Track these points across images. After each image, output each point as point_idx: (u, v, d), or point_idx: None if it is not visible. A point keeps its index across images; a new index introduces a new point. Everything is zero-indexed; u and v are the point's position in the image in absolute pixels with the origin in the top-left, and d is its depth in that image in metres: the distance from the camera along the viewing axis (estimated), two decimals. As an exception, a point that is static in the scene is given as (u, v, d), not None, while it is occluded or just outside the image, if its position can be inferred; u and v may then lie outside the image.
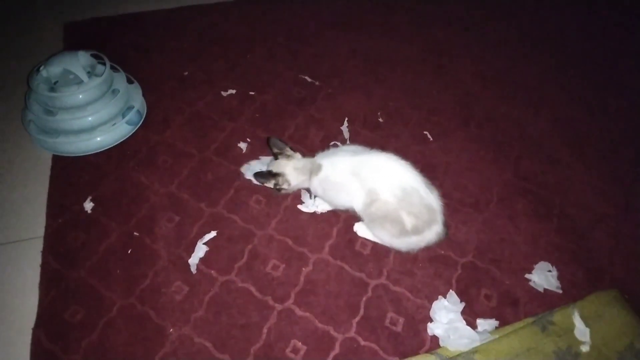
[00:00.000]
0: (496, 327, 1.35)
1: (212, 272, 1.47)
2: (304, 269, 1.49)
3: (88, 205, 1.62)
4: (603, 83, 2.23)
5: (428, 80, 2.17)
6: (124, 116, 1.83)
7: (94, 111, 1.75)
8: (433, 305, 1.41)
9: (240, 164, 1.77)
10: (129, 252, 1.51)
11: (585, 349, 1.29)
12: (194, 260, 1.49)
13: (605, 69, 2.32)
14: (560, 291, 1.45)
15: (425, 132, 1.92)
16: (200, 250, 1.52)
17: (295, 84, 2.12)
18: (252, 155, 1.80)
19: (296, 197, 1.68)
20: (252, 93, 2.06)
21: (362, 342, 1.33)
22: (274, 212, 1.64)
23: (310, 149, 1.83)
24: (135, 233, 1.56)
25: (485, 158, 1.83)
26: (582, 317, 1.33)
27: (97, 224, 1.58)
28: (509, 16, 2.62)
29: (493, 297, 1.44)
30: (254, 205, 1.65)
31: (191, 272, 1.47)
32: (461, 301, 1.42)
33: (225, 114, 1.96)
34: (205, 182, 1.71)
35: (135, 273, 1.46)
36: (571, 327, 1.32)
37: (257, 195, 1.68)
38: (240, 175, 1.73)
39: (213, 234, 1.56)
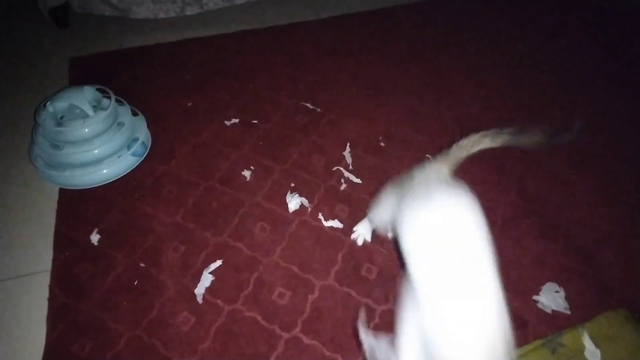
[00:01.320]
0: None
1: (219, 301, 1.47)
2: (310, 296, 1.49)
3: (94, 238, 1.63)
4: (604, 101, 2.24)
5: (429, 104, 2.20)
6: (129, 148, 1.85)
7: (99, 144, 1.77)
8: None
9: (245, 192, 1.79)
10: (136, 283, 1.52)
11: None
12: (200, 290, 1.49)
13: (605, 88, 2.33)
14: (569, 312, 1.44)
15: (427, 156, 1.93)
16: (207, 279, 1.52)
17: (297, 111, 2.14)
18: (256, 183, 1.82)
19: (301, 223, 1.69)
20: (255, 121, 2.08)
21: (371, 370, 1.32)
22: (279, 239, 1.64)
23: (313, 175, 1.85)
24: (141, 264, 1.56)
25: (488, 180, 1.84)
26: (592, 338, 1.32)
27: (103, 255, 1.59)
28: (508, 39, 2.66)
29: (501, 319, 1.43)
30: (259, 233, 1.66)
31: (197, 302, 1.47)
32: (469, 325, 1.41)
33: (229, 143, 1.98)
34: (210, 211, 1.72)
35: (142, 304, 1.46)
36: (581, 349, 1.31)
37: (262, 223, 1.69)
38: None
39: (219, 263, 1.57)
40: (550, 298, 1.46)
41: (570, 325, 1.40)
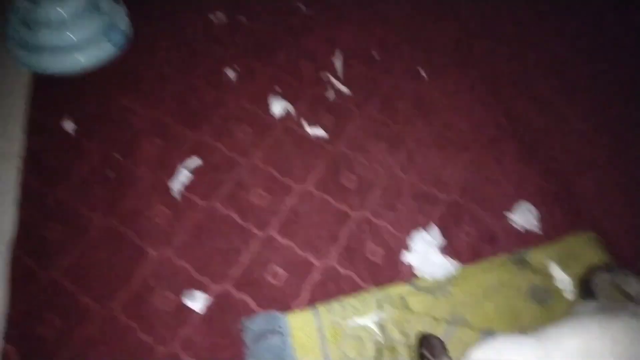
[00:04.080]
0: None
1: (195, 198, 1.46)
2: (287, 199, 1.49)
3: (69, 126, 1.58)
4: (602, 30, 2.16)
5: (426, 17, 2.09)
6: (108, 37, 1.75)
7: (75, 28, 1.67)
8: (413, 235, 1.42)
9: (228, 91, 1.73)
10: (110, 174, 1.49)
11: (568, 296, 1.30)
12: (177, 186, 1.48)
13: (604, 15, 2.24)
14: (539, 231, 1.46)
15: (419, 69, 1.87)
16: (184, 175, 1.50)
17: (288, 12, 2.03)
18: (240, 84, 1.75)
19: (284, 128, 1.65)
20: (243, 19, 1.97)
21: (342, 271, 1.35)
22: (260, 142, 1.61)
23: (300, 81, 1.79)
24: (117, 156, 1.53)
25: (478, 98, 1.79)
26: (557, 255, 1.35)
27: (78, 145, 1.55)
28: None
29: (473, 234, 1.45)
30: (240, 135, 1.62)
31: (174, 197, 1.46)
32: (442, 237, 1.43)
33: (214, 40, 1.89)
34: (190, 108, 1.67)
35: (116, 195, 1.45)
36: (546, 265, 1.35)
37: (243, 125, 1.65)
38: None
39: (197, 160, 1.54)
40: (523, 216, 1.48)
41: (538, 243, 1.42)
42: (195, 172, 1.52)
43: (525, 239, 1.44)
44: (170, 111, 1.65)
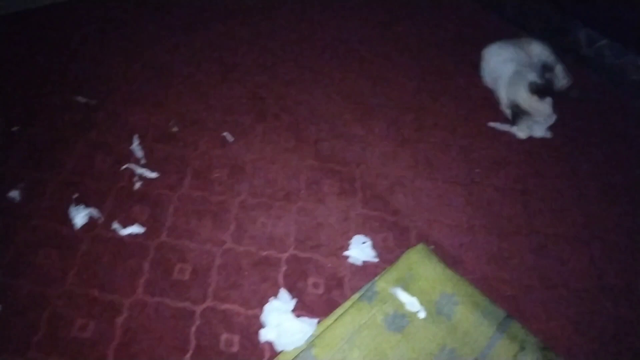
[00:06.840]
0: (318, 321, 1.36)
1: (4, 358, 1.22)
2: (118, 318, 1.32)
3: None
4: (383, 53, 2.36)
5: (215, 79, 2.08)
6: None
7: None
8: (264, 309, 1.37)
9: (16, 215, 1.50)
10: None
11: (421, 315, 1.36)
12: (-26, 352, 1.22)
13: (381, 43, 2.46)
14: (377, 259, 1.52)
15: (224, 134, 1.84)
16: (-19, 336, 1.24)
17: (65, 107, 1.85)
18: (29, 202, 1.53)
19: (93, 238, 1.47)
20: (15, 128, 1.74)
21: (200, 379, 1.24)
22: (70, 263, 1.42)
23: (99, 179, 1.63)
24: None
25: (287, 148, 1.83)
26: (400, 279, 1.41)
27: None
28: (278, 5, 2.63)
29: (320, 284, 1.45)
30: (43, 262, 1.41)
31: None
32: (292, 297, 1.40)
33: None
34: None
35: None
36: (393, 292, 1.40)
37: (44, 249, 1.44)
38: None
39: (-5, 311, 1.29)
40: (359, 250, 1.53)
41: (380, 271, 1.48)
42: (-5, 326, 1.27)
43: (368, 271, 1.49)
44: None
